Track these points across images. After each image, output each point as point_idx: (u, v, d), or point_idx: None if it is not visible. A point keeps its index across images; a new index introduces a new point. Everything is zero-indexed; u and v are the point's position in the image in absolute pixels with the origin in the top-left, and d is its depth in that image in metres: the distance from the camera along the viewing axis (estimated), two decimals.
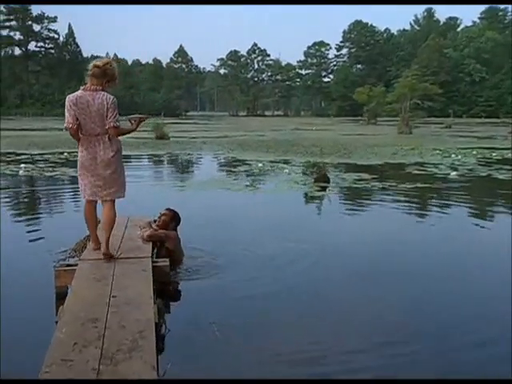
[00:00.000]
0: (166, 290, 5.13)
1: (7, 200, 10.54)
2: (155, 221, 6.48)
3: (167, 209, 6.45)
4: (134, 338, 3.51)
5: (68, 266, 5.18)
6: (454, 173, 14.96)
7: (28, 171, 14.63)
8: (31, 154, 19.67)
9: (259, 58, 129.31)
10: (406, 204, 10.43)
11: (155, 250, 6.02)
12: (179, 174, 15.82)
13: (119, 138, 5.39)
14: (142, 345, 3.43)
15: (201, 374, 3.70)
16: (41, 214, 9.57)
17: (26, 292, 5.20)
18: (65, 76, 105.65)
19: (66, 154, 19.62)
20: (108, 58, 5.52)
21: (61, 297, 4.65)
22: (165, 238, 6.06)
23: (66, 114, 5.13)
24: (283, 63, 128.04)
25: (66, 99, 5.15)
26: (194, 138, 31.86)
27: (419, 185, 12.61)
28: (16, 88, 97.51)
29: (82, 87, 5.17)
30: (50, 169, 15.17)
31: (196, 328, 4.40)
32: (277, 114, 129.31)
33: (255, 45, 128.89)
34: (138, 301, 4.20)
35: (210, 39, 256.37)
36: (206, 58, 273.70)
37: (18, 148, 22.35)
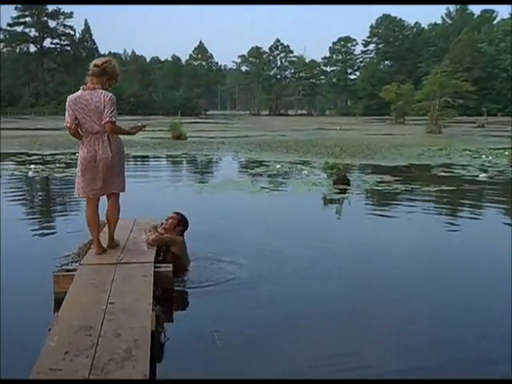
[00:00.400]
0: (168, 297, 5.14)
1: (13, 200, 10.68)
2: (162, 224, 6.49)
3: (175, 212, 6.47)
4: (128, 347, 3.51)
5: (67, 271, 5.21)
6: (483, 174, 14.77)
7: (38, 172, 14.80)
8: (42, 155, 19.94)
9: (282, 55, 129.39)
10: (428, 207, 10.31)
11: (161, 255, 6.04)
12: (193, 175, 15.89)
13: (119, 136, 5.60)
14: (135, 354, 3.43)
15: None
16: (45, 216, 9.66)
17: (26, 298, 5.24)
18: (81, 73, 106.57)
19: (77, 154, 19.71)
20: (109, 57, 5.64)
21: (59, 303, 4.66)
22: (170, 242, 6.07)
23: (66, 113, 5.37)
24: (307, 60, 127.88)
25: (67, 99, 5.37)
26: (212, 138, 31.99)
27: (444, 187, 12.46)
28: (31, 86, 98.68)
29: (81, 87, 5.30)
30: (61, 170, 15.34)
31: (197, 337, 4.38)
32: (300, 113, 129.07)
33: (278, 41, 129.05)
34: (136, 308, 4.20)
35: (230, 35, 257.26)
36: (227, 55, 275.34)
37: (30, 148, 22.68)
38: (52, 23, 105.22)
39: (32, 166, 15.74)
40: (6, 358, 3.89)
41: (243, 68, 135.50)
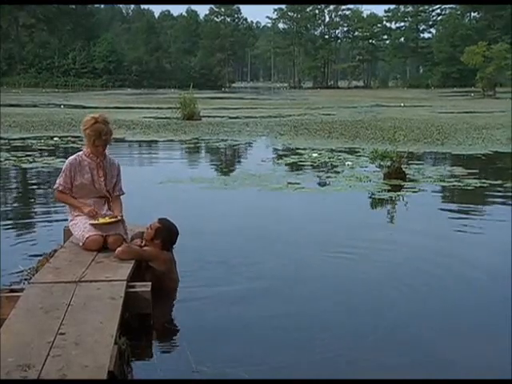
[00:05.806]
0: (144, 326, 5.19)
1: None
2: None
3: (158, 220, 6.39)
4: None
5: (12, 291, 5.26)
6: None
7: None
8: (9, 139, 20.21)
9: (331, 8, 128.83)
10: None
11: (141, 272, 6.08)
12: (201, 166, 16.01)
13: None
14: None
15: None
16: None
17: None
18: (68, 32, 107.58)
19: (56, 138, 20.03)
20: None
21: None
22: (148, 257, 6.07)
23: None
24: (365, 14, 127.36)
25: None
26: (235, 118, 32.28)
27: None
28: (2, 49, 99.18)
29: None
30: (30, 158, 15.56)
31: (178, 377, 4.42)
32: (355, 84, 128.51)
33: None
34: (93, 340, 4.20)
35: None
36: (259, 9, 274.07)
37: None
38: None
39: None
40: None
41: (280, 26, 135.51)
